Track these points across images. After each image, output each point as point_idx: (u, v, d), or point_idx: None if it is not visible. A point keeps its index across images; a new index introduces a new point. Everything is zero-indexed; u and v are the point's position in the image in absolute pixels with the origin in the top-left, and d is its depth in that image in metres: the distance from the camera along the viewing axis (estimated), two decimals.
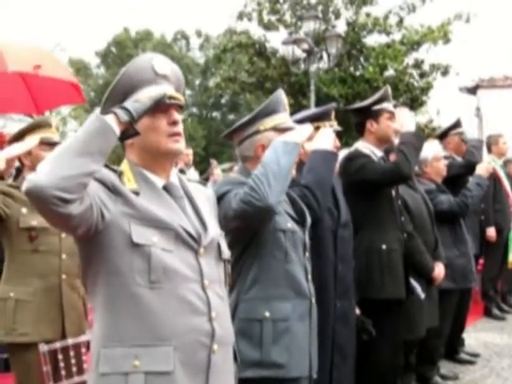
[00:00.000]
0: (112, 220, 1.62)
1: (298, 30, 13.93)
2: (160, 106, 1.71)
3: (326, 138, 2.79)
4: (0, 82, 4.18)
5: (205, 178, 8.39)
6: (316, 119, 2.91)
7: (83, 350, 2.82)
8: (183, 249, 1.71)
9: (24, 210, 2.91)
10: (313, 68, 12.43)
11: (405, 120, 3.42)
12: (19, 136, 3.03)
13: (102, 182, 1.63)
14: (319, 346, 2.50)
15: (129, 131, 1.63)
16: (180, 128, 1.78)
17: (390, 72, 13.65)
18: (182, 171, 7.33)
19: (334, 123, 3.00)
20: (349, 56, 14.18)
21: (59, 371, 2.70)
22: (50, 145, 2.99)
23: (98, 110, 1.66)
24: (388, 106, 3.51)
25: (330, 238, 2.92)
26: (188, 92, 30.43)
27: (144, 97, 1.66)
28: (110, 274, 1.64)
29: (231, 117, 30.65)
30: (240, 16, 14.64)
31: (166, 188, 1.79)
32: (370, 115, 3.50)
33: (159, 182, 1.78)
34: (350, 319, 3.00)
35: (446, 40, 13.56)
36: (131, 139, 1.71)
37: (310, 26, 12.71)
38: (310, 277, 2.43)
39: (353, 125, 3.76)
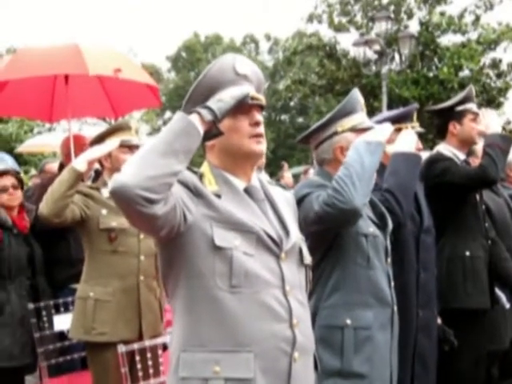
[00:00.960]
0: (194, 222, 1.60)
1: (370, 31, 13.75)
2: (242, 107, 1.68)
3: (408, 139, 2.68)
4: (80, 85, 4.28)
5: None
6: (397, 121, 2.81)
7: (160, 351, 2.82)
8: (264, 253, 1.67)
9: (104, 211, 2.95)
10: (384, 69, 12.25)
11: (491, 121, 3.25)
12: (100, 138, 3.08)
13: (184, 184, 1.61)
14: (400, 356, 2.41)
15: (212, 131, 1.60)
16: (262, 129, 1.75)
17: (465, 72, 13.24)
18: None
19: (416, 124, 2.89)
20: (422, 57, 13.86)
21: (136, 372, 2.71)
22: (129, 147, 3.03)
23: (168, 113, 1.63)
24: (472, 106, 3.35)
25: (413, 244, 2.80)
26: None
27: (227, 96, 1.62)
28: (191, 277, 1.62)
29: (300, 120, 30.63)
30: (310, 18, 14.58)
31: (247, 191, 1.75)
32: (452, 116, 3.36)
33: (240, 184, 1.75)
34: (432, 329, 2.87)
35: None
36: (214, 140, 1.68)
37: (381, 27, 12.57)
38: (392, 284, 2.34)
39: (427, 127, 3.62)
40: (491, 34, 13.17)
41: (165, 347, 2.98)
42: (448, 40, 13.84)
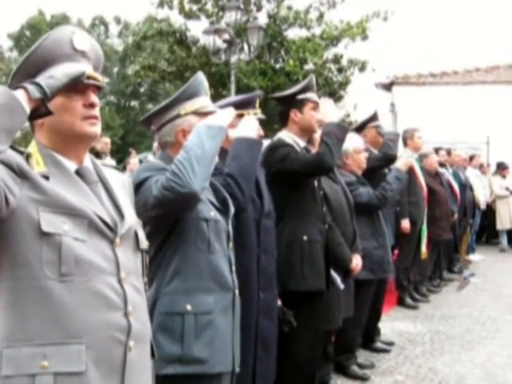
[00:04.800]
0: (18, 206, 1.47)
1: (220, 20, 13.83)
2: (76, 86, 1.58)
3: (250, 125, 2.71)
4: None
5: (122, 167, 8.16)
6: (240, 107, 2.82)
7: None
8: (98, 238, 1.59)
9: None
10: (233, 59, 12.38)
11: (328, 111, 3.40)
12: None
13: (7, 164, 1.46)
14: (242, 340, 2.43)
15: (40, 110, 1.48)
16: (97, 111, 1.66)
17: (309, 66, 13.79)
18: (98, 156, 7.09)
19: (258, 111, 2.93)
20: (269, 48, 14.23)
21: None
22: None
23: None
24: (313, 95, 3.48)
25: (253, 229, 2.85)
26: (106, 80, 29.70)
27: (60, 73, 1.51)
28: (15, 267, 1.50)
29: (150, 106, 30.16)
30: (161, 3, 14.34)
31: (78, 172, 1.65)
32: (294, 104, 3.46)
33: (71, 165, 1.65)
34: (273, 311, 2.95)
35: (364, 36, 13.86)
36: (42, 119, 1.56)
37: (231, 17, 12.67)
38: (234, 268, 2.35)
39: (273, 116, 3.71)
40: (334, 30, 13.83)
41: None
42: (294, 34, 14.34)
